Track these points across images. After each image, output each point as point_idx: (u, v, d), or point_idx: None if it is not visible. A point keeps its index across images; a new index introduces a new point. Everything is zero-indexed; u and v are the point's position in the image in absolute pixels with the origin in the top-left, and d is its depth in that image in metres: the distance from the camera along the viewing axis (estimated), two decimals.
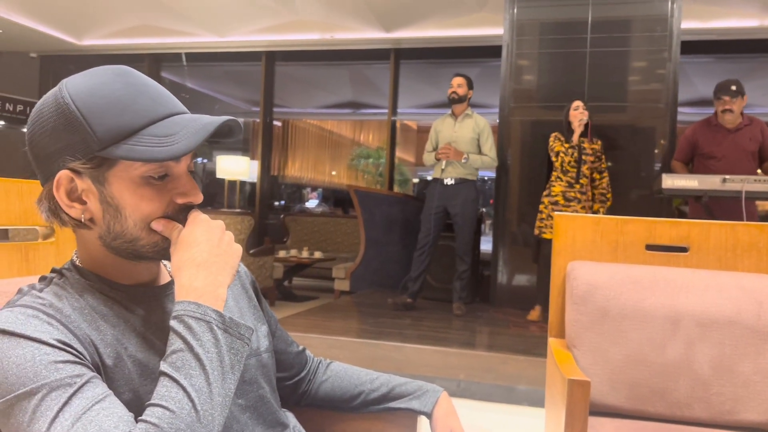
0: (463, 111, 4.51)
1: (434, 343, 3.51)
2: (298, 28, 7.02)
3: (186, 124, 0.76)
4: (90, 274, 0.82)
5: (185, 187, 0.80)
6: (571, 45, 4.89)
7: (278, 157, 9.34)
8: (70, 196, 0.79)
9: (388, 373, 1.17)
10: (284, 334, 1.12)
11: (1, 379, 0.68)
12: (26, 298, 0.76)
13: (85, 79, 0.78)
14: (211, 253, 0.77)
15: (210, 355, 0.70)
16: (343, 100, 10.39)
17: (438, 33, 6.82)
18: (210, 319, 0.72)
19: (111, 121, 0.75)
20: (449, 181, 4.43)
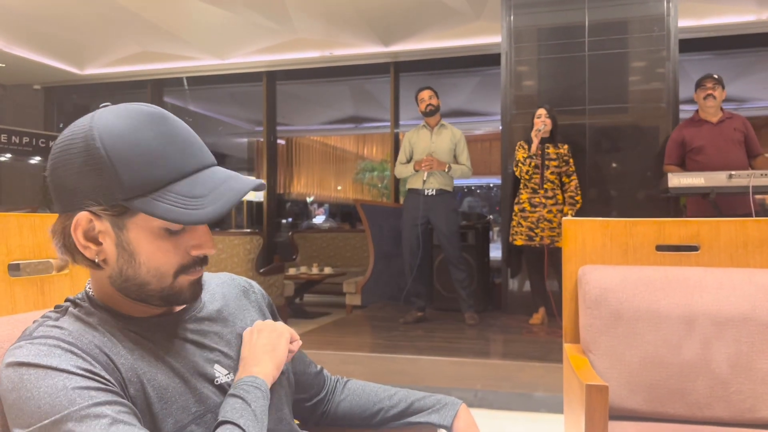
0: (438, 122, 4.53)
1: (448, 354, 3.50)
2: (298, 46, 7.08)
3: (213, 186, 0.77)
4: (102, 306, 0.83)
5: (201, 239, 0.81)
6: (570, 49, 4.90)
7: (284, 175, 9.38)
8: (87, 235, 0.79)
9: (405, 387, 1.17)
10: (302, 355, 1.12)
11: (32, 408, 0.68)
12: (43, 329, 0.77)
13: (117, 122, 0.76)
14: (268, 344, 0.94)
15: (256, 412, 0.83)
16: (345, 115, 10.44)
17: (436, 44, 6.86)
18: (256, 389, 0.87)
19: (138, 173, 0.75)
20: (431, 191, 4.44)
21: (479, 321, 4.47)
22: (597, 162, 4.83)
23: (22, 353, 0.73)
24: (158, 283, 0.80)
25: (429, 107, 4.46)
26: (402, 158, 4.61)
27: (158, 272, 0.79)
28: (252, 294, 1.05)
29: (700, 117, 4.16)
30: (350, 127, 10.97)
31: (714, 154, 4.02)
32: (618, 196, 4.83)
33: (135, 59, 7.62)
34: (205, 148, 0.83)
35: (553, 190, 4.24)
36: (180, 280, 0.81)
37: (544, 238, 4.19)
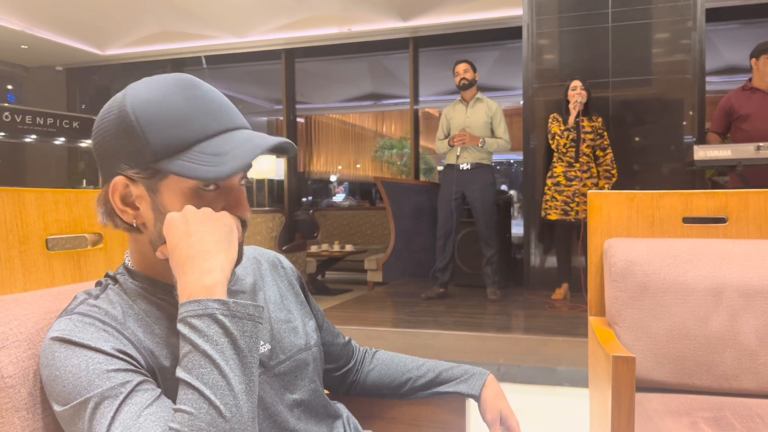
0: (474, 96, 4.49)
1: (471, 329, 3.52)
2: (316, 23, 7.04)
3: (238, 144, 0.77)
4: (142, 277, 0.84)
5: (234, 201, 0.81)
6: (593, 21, 4.82)
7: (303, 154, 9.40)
8: (125, 201, 0.81)
9: None
10: (331, 326, 1.14)
11: (60, 387, 0.71)
12: (82, 306, 0.79)
13: (148, 89, 0.79)
14: (188, 247, 0.74)
15: (220, 346, 0.69)
16: (364, 92, 10.39)
17: (455, 18, 6.78)
18: (212, 311, 0.70)
19: (166, 135, 0.76)
20: (465, 166, 4.41)
21: (501, 297, 4.48)
22: (620, 135, 4.77)
23: (58, 326, 0.75)
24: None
25: (463, 81, 4.42)
26: (440, 134, 4.59)
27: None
28: (281, 269, 1.06)
29: (752, 85, 4.00)
30: (369, 104, 10.92)
31: (759, 123, 3.91)
32: (642, 170, 4.77)
33: (155, 39, 7.65)
34: (236, 112, 0.83)
35: (588, 163, 4.18)
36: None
37: (580, 213, 4.16)
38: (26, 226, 0.95)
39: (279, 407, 0.88)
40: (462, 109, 4.50)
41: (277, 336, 0.93)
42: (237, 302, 0.72)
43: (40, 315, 0.83)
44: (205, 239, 0.74)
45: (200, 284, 0.71)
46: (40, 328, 0.81)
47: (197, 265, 0.73)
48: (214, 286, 0.72)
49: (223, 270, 0.74)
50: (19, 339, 0.78)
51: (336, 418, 1.01)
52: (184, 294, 0.72)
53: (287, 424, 0.89)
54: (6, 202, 0.92)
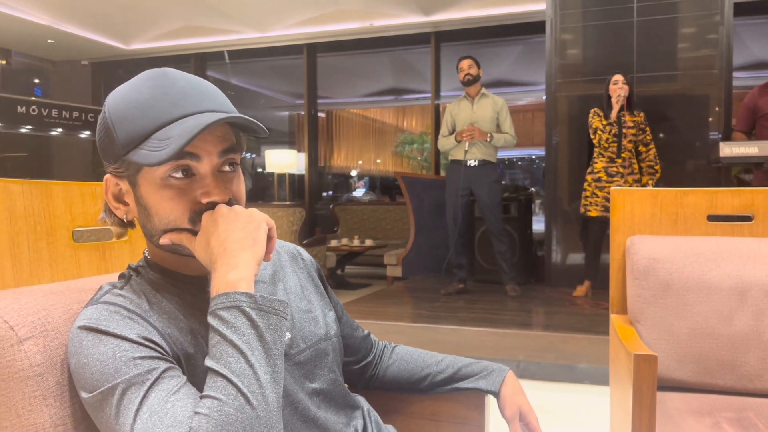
0: (479, 91, 4.47)
1: (490, 325, 3.51)
2: (338, 18, 7.05)
3: (187, 127, 0.75)
4: (160, 269, 0.86)
5: (209, 186, 0.79)
6: (618, 15, 4.76)
7: (324, 148, 9.42)
8: (117, 197, 0.84)
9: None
10: (350, 319, 1.15)
11: (87, 375, 0.73)
12: (108, 296, 0.80)
13: (123, 86, 0.81)
14: (217, 245, 0.76)
15: (247, 337, 0.70)
16: (385, 87, 10.38)
17: (478, 13, 6.73)
18: (240, 303, 0.71)
19: (130, 127, 0.77)
20: (473, 162, 4.40)
21: (521, 293, 4.46)
22: None
23: (85, 315, 0.77)
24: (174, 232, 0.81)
25: (467, 77, 4.41)
26: (444, 131, 4.59)
27: (169, 221, 0.79)
28: (301, 260, 1.06)
29: None
30: (390, 99, 10.91)
31: None
32: (666, 166, 4.70)
33: (178, 33, 7.71)
34: (207, 97, 0.80)
35: (629, 159, 4.11)
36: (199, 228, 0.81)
37: None
38: (54, 218, 0.97)
39: (300, 395, 0.89)
40: (468, 105, 4.48)
41: (298, 325, 0.94)
42: (264, 296, 0.73)
43: (67, 305, 0.84)
44: (231, 237, 0.76)
45: (225, 280, 0.73)
46: (68, 318, 0.83)
47: (224, 262, 0.74)
48: (238, 281, 0.73)
49: (248, 266, 0.75)
50: (47, 329, 0.79)
51: (355, 409, 1.02)
52: (213, 289, 0.74)
53: (308, 411, 0.90)
54: (34, 194, 0.94)
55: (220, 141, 0.80)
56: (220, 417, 0.66)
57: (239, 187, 0.84)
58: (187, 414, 0.68)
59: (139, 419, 0.68)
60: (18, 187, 0.91)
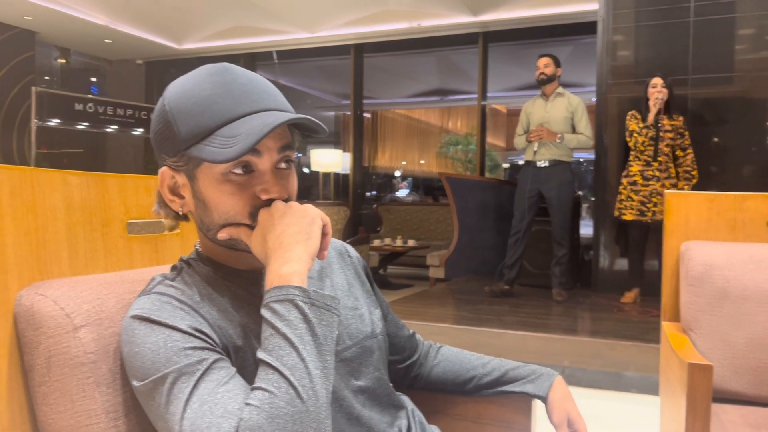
0: (554, 90, 4.38)
1: (535, 330, 3.45)
2: (386, 18, 7.06)
3: (253, 125, 0.76)
4: (210, 261, 0.87)
5: (267, 183, 0.80)
6: (673, 15, 4.62)
7: (368, 149, 9.46)
8: (172, 190, 0.85)
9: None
10: (395, 318, 1.14)
11: (139, 363, 0.74)
12: (160, 287, 0.82)
13: (183, 80, 0.82)
14: (272, 239, 0.77)
15: (299, 331, 0.70)
16: (431, 87, 10.36)
17: (527, 13, 6.65)
18: (294, 297, 0.72)
19: (193, 122, 0.78)
20: (543, 163, 4.32)
21: (567, 298, 4.37)
22: (699, 135, 4.55)
23: (138, 305, 0.78)
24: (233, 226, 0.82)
25: (542, 76, 4.34)
26: (519, 130, 4.52)
27: (229, 216, 0.80)
28: (348, 257, 1.06)
29: None
30: (435, 99, 10.87)
31: None
32: (720, 171, 4.55)
33: (229, 33, 7.85)
34: (268, 95, 0.82)
35: (666, 163, 4.02)
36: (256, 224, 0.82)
37: (657, 214, 4.00)
38: (109, 210, 1.00)
39: (345, 392, 0.89)
40: (542, 104, 4.41)
41: (345, 322, 0.94)
42: (317, 292, 0.74)
43: (120, 295, 0.86)
44: (286, 232, 0.77)
45: (279, 273, 0.74)
46: (121, 308, 0.84)
47: (279, 256, 0.75)
48: (291, 275, 0.74)
49: (301, 260, 0.75)
50: (101, 317, 0.81)
51: (400, 409, 1.01)
52: (267, 282, 0.75)
53: (353, 409, 0.89)
54: (91, 186, 0.96)
55: (280, 138, 0.81)
56: (270, 409, 0.66)
57: (294, 184, 0.85)
58: (237, 405, 0.69)
59: (189, 409, 0.69)
60: (76, 179, 0.94)
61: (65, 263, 0.90)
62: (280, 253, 0.76)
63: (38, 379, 0.78)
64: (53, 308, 0.78)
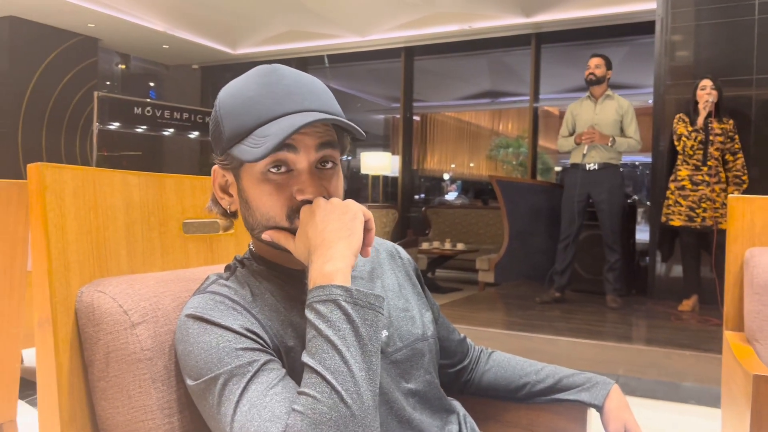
0: (603, 92, 4.27)
1: (589, 337, 3.37)
2: (437, 21, 7.04)
3: (285, 125, 0.76)
4: (263, 261, 0.88)
5: (304, 183, 0.79)
6: (736, 13, 4.44)
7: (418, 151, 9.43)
8: (223, 188, 0.87)
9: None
10: (446, 321, 1.13)
11: (192, 362, 0.75)
12: (214, 286, 0.83)
13: (235, 81, 0.84)
14: (314, 236, 0.75)
15: (342, 332, 0.69)
16: (482, 89, 10.27)
17: (582, 13, 6.52)
18: (336, 297, 0.70)
19: (235, 122, 0.80)
20: (592, 166, 4.21)
21: (622, 305, 4.25)
22: (764, 138, 4.37)
23: (192, 304, 0.79)
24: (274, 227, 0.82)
25: (591, 76, 4.24)
26: (564, 131, 4.43)
27: (269, 217, 0.80)
28: (399, 259, 1.05)
29: None
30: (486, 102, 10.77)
31: None
32: None
33: (282, 38, 7.98)
34: (311, 96, 0.81)
35: (716, 167, 3.88)
36: (296, 224, 0.81)
37: (707, 219, 3.86)
38: (166, 210, 1.02)
39: (395, 394, 0.88)
40: (590, 106, 4.31)
41: (395, 323, 0.93)
42: (359, 290, 0.72)
43: (176, 293, 0.88)
44: (328, 228, 0.76)
45: (321, 272, 0.73)
46: (176, 306, 0.86)
47: (321, 254, 0.74)
48: (333, 273, 0.73)
49: (344, 257, 0.74)
50: (157, 315, 0.83)
51: (451, 413, 0.99)
52: (310, 281, 0.74)
53: (403, 411, 0.88)
54: (149, 186, 0.99)
55: (319, 136, 0.80)
56: (314, 415, 0.65)
57: (337, 185, 0.84)
58: (285, 409, 0.69)
59: (239, 411, 0.69)
60: (135, 179, 0.96)
61: (124, 261, 0.92)
62: (322, 251, 0.74)
63: (97, 374, 0.80)
64: (112, 305, 0.80)
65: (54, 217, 0.82)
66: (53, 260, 0.80)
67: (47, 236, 0.80)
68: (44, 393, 0.80)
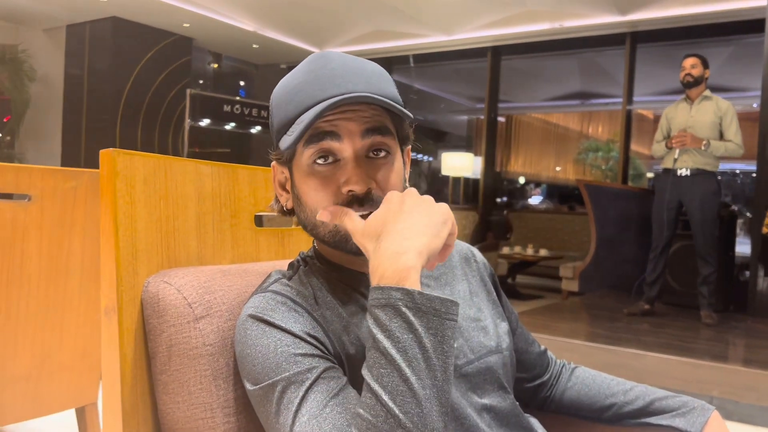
0: (700, 94, 3.98)
1: (680, 353, 3.15)
2: (526, 19, 6.85)
3: (316, 110, 0.70)
4: (327, 261, 0.83)
5: (348, 174, 0.72)
6: None
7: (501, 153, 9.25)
8: (282, 185, 0.83)
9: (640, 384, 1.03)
10: (525, 332, 1.05)
11: (250, 366, 0.71)
12: (276, 285, 0.78)
13: (289, 73, 0.80)
14: (395, 221, 0.66)
15: (402, 344, 0.60)
16: (571, 91, 9.95)
17: (681, 11, 6.15)
18: (395, 301, 0.61)
19: (282, 113, 0.76)
20: (684, 171, 3.94)
21: (718, 321, 3.96)
22: None
23: (253, 303, 0.75)
24: (323, 226, 0.76)
25: (687, 77, 3.97)
26: (658, 136, 4.19)
27: (317, 213, 0.75)
28: (474, 262, 0.98)
29: None
30: (575, 103, 10.44)
31: None
32: None
33: (368, 38, 8.01)
34: (357, 78, 0.73)
35: None
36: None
37: None
38: (238, 201, 0.99)
39: (467, 410, 0.81)
40: (685, 109, 4.04)
41: (465, 334, 0.85)
42: (423, 293, 0.62)
43: (242, 288, 0.85)
44: (414, 219, 0.67)
45: (395, 266, 0.63)
46: (242, 301, 0.83)
47: (394, 241, 0.65)
48: (408, 270, 0.63)
49: (420, 254, 0.65)
50: (222, 309, 0.80)
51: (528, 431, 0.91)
52: (375, 274, 0.65)
53: (477, 429, 0.81)
54: (222, 176, 0.96)
55: (365, 121, 0.73)
56: None
57: (388, 176, 0.75)
58: (346, 421, 0.64)
59: (298, 422, 0.65)
60: (208, 168, 0.94)
61: (193, 252, 0.90)
62: (398, 240, 0.65)
63: (160, 367, 0.78)
64: (176, 297, 0.77)
65: (124, 204, 0.80)
66: (121, 248, 0.79)
67: (116, 224, 0.79)
68: (108, 383, 0.79)
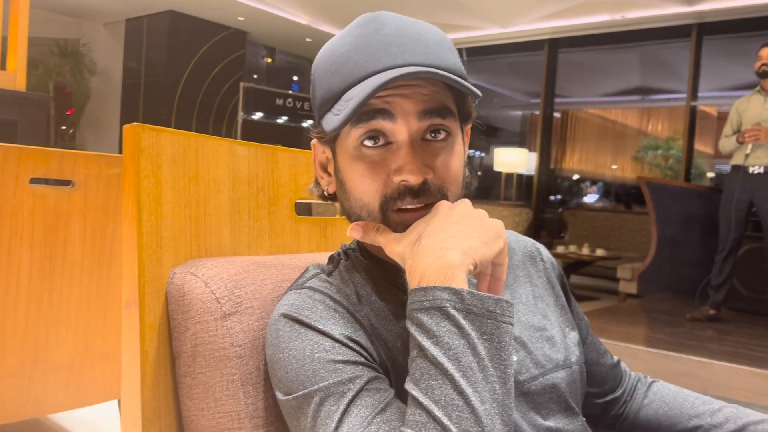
0: None
1: (749, 363, 2.94)
2: (585, 10, 6.60)
3: (368, 85, 0.59)
4: (371, 255, 0.72)
5: (401, 160, 0.62)
6: None
7: (556, 150, 8.99)
8: (323, 166, 0.72)
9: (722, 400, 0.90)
10: (596, 341, 0.92)
11: (282, 373, 0.61)
12: (314, 281, 0.69)
13: (333, 38, 0.68)
14: (447, 223, 0.59)
15: (454, 351, 0.52)
16: (631, 86, 9.60)
17: (753, 0, 5.80)
18: (442, 302, 0.53)
19: (326, 86, 0.65)
20: (756, 169, 3.68)
21: None
22: None
23: (287, 301, 0.66)
24: (369, 218, 0.65)
25: (764, 67, 3.69)
26: (727, 130, 3.93)
27: (363, 203, 0.64)
28: (540, 261, 0.87)
29: None
30: (635, 99, 10.07)
31: None
32: None
33: None
34: (416, 47, 0.63)
35: None
36: (391, 217, 0.64)
37: None
38: (278, 187, 0.90)
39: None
40: (759, 101, 3.77)
41: (528, 345, 0.74)
42: (473, 293, 0.54)
43: (278, 282, 0.76)
44: (463, 225, 0.59)
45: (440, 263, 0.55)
46: (276, 297, 0.73)
47: (438, 238, 0.57)
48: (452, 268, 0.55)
49: (466, 254, 0.56)
50: (253, 305, 0.71)
51: None
52: (414, 274, 0.56)
53: None
54: (260, 159, 0.88)
55: (424, 100, 0.62)
56: None
57: (448, 162, 0.64)
58: None
59: None
60: (244, 149, 0.85)
61: (226, 241, 0.82)
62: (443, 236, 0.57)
63: (184, 368, 0.70)
64: (203, 291, 0.69)
65: (148, 185, 0.72)
66: (144, 234, 0.71)
67: (139, 207, 0.70)
68: (127, 384, 0.71)
